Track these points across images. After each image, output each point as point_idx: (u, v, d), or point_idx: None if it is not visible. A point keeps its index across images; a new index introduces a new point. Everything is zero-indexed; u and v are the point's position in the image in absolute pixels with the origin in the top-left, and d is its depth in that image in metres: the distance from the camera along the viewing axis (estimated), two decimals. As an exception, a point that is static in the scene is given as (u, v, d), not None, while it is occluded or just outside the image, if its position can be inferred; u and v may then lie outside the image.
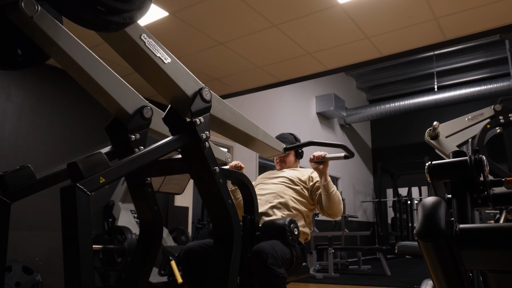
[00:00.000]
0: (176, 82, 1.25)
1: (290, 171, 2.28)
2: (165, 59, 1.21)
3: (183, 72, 1.28)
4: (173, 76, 1.24)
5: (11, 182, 1.21)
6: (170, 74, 1.23)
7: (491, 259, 0.67)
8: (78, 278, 0.90)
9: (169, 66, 1.23)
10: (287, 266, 1.77)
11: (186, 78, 1.29)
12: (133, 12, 1.03)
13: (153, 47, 1.19)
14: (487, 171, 0.91)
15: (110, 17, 0.97)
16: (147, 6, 1.07)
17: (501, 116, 2.73)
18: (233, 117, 1.49)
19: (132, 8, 1.02)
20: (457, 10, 3.23)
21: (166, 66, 1.21)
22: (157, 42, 1.20)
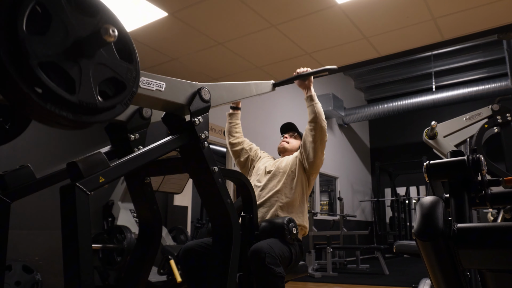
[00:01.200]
0: (174, 101, 1.23)
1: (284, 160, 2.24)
2: (161, 86, 1.18)
3: (178, 86, 1.25)
4: (171, 98, 1.22)
5: (11, 182, 1.21)
6: (168, 98, 1.21)
7: (489, 258, 0.67)
8: (78, 277, 0.90)
9: (166, 91, 1.20)
10: (286, 264, 1.77)
11: (182, 90, 1.26)
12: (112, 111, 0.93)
13: (148, 83, 1.14)
14: (484, 171, 0.92)
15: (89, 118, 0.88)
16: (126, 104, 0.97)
17: (499, 116, 2.74)
18: (230, 94, 1.50)
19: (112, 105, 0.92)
20: (455, 10, 3.24)
21: (163, 93, 1.19)
22: (148, 75, 1.15)
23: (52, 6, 0.81)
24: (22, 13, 0.76)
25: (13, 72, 0.74)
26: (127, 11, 3.24)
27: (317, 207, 8.42)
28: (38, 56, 0.77)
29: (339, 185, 9.36)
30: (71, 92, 0.82)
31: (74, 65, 0.83)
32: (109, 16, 0.91)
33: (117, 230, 3.59)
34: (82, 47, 0.85)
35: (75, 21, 0.84)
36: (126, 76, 0.94)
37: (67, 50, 0.82)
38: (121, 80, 0.93)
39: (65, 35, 0.82)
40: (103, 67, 0.89)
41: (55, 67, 0.81)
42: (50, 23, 0.80)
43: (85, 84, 0.85)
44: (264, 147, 2.59)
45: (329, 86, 9.26)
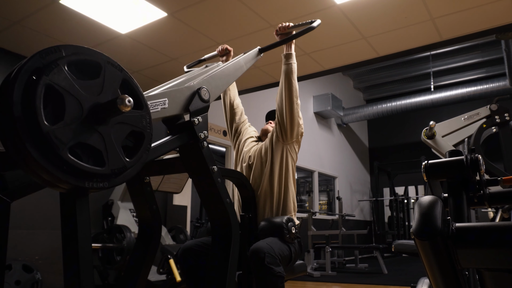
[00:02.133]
0: (176, 113, 1.24)
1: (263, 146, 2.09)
2: (164, 103, 1.19)
3: (178, 96, 1.25)
4: (174, 111, 1.22)
5: (11, 181, 1.21)
6: (172, 112, 1.21)
7: (487, 257, 0.67)
8: (78, 276, 0.91)
9: (169, 105, 1.20)
10: (285, 263, 1.77)
11: (182, 98, 1.26)
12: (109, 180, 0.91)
13: (154, 106, 1.14)
14: (483, 170, 0.92)
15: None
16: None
17: (497, 116, 2.75)
18: (224, 80, 1.49)
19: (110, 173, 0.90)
20: (453, 10, 3.25)
21: (167, 108, 1.19)
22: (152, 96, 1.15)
23: (61, 85, 0.81)
24: (38, 105, 0.77)
25: (47, 166, 0.77)
26: (127, 11, 3.24)
27: (316, 207, 8.43)
28: (65, 143, 0.79)
29: (338, 185, 9.37)
30: (102, 165, 0.85)
31: (96, 135, 0.85)
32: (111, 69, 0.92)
33: (116, 230, 3.59)
34: (99, 115, 0.86)
35: (85, 90, 0.85)
36: (142, 125, 0.96)
37: (86, 123, 0.84)
38: (139, 131, 0.95)
39: (80, 109, 0.83)
40: (121, 125, 0.91)
41: (80, 144, 0.83)
42: (63, 103, 0.81)
43: (111, 151, 0.88)
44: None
45: (328, 86, 9.27)
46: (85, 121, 0.84)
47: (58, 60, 0.82)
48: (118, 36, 3.62)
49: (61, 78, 0.81)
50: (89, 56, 0.89)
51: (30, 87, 0.77)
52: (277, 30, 2.04)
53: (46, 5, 3.11)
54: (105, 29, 3.48)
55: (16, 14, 3.23)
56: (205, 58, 2.30)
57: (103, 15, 3.28)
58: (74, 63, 0.86)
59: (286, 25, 2.00)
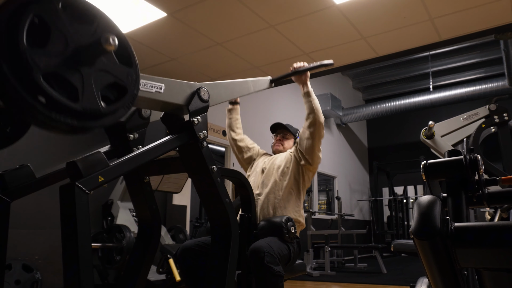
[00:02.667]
0: (173, 102, 1.24)
1: (279, 157, 2.24)
2: (160, 88, 1.19)
3: (177, 87, 1.26)
4: (170, 99, 1.23)
5: (11, 181, 1.21)
6: (167, 99, 1.22)
7: (486, 257, 0.67)
8: (77, 276, 0.91)
9: (165, 92, 1.21)
10: (284, 263, 1.78)
11: (181, 91, 1.27)
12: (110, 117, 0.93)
13: (148, 86, 1.15)
14: (482, 170, 0.92)
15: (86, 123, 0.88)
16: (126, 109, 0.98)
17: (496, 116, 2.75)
18: (228, 91, 1.51)
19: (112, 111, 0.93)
20: (452, 10, 3.25)
21: (163, 94, 1.20)
22: (149, 77, 1.16)
23: (49, 17, 0.81)
24: (22, 27, 0.77)
25: (17, 85, 0.75)
26: (127, 11, 3.24)
27: (315, 206, 8.44)
28: (41, 68, 0.78)
29: (337, 185, 9.37)
30: (75, 100, 0.83)
31: (75, 73, 0.84)
32: (106, 23, 0.92)
33: (116, 229, 3.59)
34: (82, 56, 0.86)
35: (73, 30, 0.85)
36: (127, 80, 0.95)
37: (67, 59, 0.83)
38: (122, 85, 0.94)
39: (65, 45, 0.83)
40: (104, 73, 0.90)
41: (57, 77, 0.82)
42: (49, 34, 0.81)
43: (88, 91, 0.86)
44: (262, 144, 2.59)
45: (327, 86, 9.27)
46: (67, 57, 0.83)
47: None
48: (117, 36, 3.61)
49: (52, 11, 0.82)
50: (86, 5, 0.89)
51: (19, 11, 0.77)
52: (292, 69, 2.12)
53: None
54: (104, 29, 3.47)
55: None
56: None
57: (103, 15, 3.28)
58: (69, 5, 0.86)
59: (301, 64, 2.11)
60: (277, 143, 2.37)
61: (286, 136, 2.38)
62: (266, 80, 1.81)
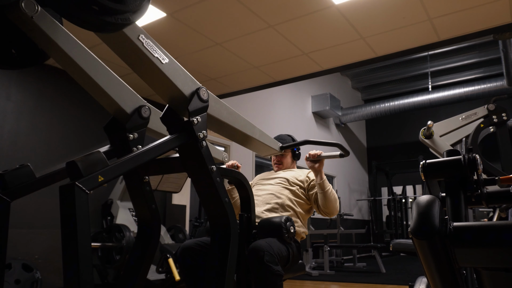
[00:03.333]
0: (173, 82, 1.26)
1: (287, 172, 2.30)
2: (163, 59, 1.23)
3: (180, 72, 1.29)
4: (170, 76, 1.25)
5: (11, 181, 1.21)
6: (168, 74, 1.24)
7: (485, 256, 0.67)
8: (77, 275, 0.91)
9: (167, 66, 1.24)
10: (283, 263, 1.78)
11: (183, 78, 1.30)
12: (128, 14, 1.04)
13: (151, 47, 1.20)
14: (480, 170, 0.92)
15: (106, 18, 0.98)
16: (143, 8, 1.07)
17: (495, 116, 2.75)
18: (230, 116, 1.51)
19: (128, 10, 1.03)
20: (451, 11, 3.26)
21: (164, 66, 1.22)
22: (155, 43, 1.21)
23: None
24: None
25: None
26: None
27: (314, 206, 8.44)
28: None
29: (336, 184, 9.38)
30: None
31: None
32: None
33: (116, 229, 3.59)
34: None
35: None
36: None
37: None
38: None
39: None
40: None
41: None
42: None
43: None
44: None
45: (326, 85, 9.28)
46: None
47: None
48: (117, 36, 3.62)
49: None
50: None
51: None
52: (308, 156, 2.15)
53: (45, 4, 3.10)
54: (103, 28, 3.48)
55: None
56: None
57: (102, 15, 3.29)
58: None
59: (316, 152, 2.12)
60: (276, 164, 2.40)
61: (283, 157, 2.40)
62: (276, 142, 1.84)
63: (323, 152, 2.11)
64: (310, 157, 2.13)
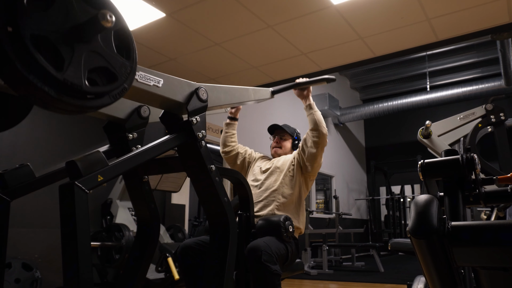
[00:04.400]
0: (172, 98, 1.24)
1: (281, 160, 2.26)
2: (158, 82, 1.18)
3: (176, 84, 1.26)
4: (168, 94, 1.22)
5: (11, 180, 1.21)
6: (166, 94, 1.21)
7: (483, 255, 0.68)
8: (77, 274, 0.91)
9: (163, 87, 1.20)
10: (282, 262, 1.79)
11: (179, 88, 1.27)
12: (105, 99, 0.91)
13: (145, 78, 1.14)
14: (478, 170, 0.92)
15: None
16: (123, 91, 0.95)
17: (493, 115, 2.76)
18: (227, 96, 1.52)
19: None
20: (449, 11, 3.27)
21: (161, 88, 1.19)
22: (147, 71, 1.16)
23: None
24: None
25: (4, 40, 0.73)
26: (126, 12, 3.24)
27: (313, 206, 8.45)
28: (33, 28, 0.75)
29: (334, 184, 9.39)
30: (58, 70, 0.79)
31: (67, 47, 0.81)
32: (113, 9, 0.90)
33: (115, 228, 3.59)
34: (79, 32, 0.83)
35: (78, 7, 0.84)
36: (120, 70, 0.92)
37: (63, 31, 0.81)
38: (113, 72, 0.91)
39: (65, 17, 0.81)
40: (97, 55, 0.87)
41: (49, 46, 0.79)
42: (53, 2, 0.80)
43: (75, 65, 0.82)
44: (261, 147, 2.60)
45: (324, 86, 9.28)
46: (63, 28, 0.81)
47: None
48: (116, 36, 3.62)
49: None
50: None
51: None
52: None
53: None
54: (103, 28, 3.47)
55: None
56: None
57: (101, 15, 3.29)
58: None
59: (303, 79, 2.14)
60: (275, 146, 2.38)
61: (284, 137, 2.39)
62: (267, 91, 1.82)
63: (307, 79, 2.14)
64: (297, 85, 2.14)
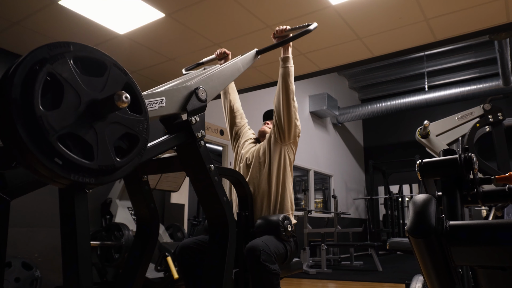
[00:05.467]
0: (173, 112, 1.24)
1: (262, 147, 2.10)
2: (162, 102, 1.19)
3: (176, 95, 1.26)
4: (171, 109, 1.23)
5: (11, 180, 1.21)
6: (170, 111, 1.22)
7: (481, 255, 0.68)
8: (76, 273, 0.91)
9: (167, 104, 1.21)
10: (281, 261, 1.79)
11: (179, 97, 1.27)
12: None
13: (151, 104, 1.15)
14: (476, 169, 0.92)
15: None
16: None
17: (490, 115, 2.78)
18: (221, 80, 1.50)
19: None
20: (448, 11, 3.27)
21: (165, 107, 1.20)
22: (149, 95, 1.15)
23: (62, 75, 0.82)
24: (37, 89, 0.77)
25: (33, 149, 0.76)
26: (125, 12, 3.24)
27: (312, 205, 8.46)
28: (56, 130, 0.79)
29: (333, 183, 9.40)
30: (90, 159, 0.84)
31: (89, 130, 0.85)
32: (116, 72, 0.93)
33: (115, 228, 3.59)
34: (95, 111, 0.86)
35: (86, 84, 0.86)
36: (139, 129, 0.96)
37: (81, 117, 0.84)
38: (134, 134, 0.95)
39: (78, 102, 0.84)
40: (116, 125, 0.91)
41: (72, 136, 0.83)
42: (62, 93, 0.82)
43: (102, 147, 0.87)
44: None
45: (323, 86, 9.30)
46: (81, 114, 0.84)
47: (65, 53, 0.83)
48: (116, 37, 3.61)
49: (64, 69, 0.82)
50: (97, 56, 0.90)
51: (33, 72, 0.78)
52: (274, 33, 2.05)
53: (46, 6, 3.10)
54: (103, 29, 3.47)
55: (15, 15, 3.22)
56: (204, 61, 2.32)
57: (102, 16, 3.28)
58: (80, 59, 0.87)
59: (283, 28, 2.01)
60: (265, 125, 2.26)
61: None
62: (252, 53, 1.77)
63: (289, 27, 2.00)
64: (277, 34, 2.01)
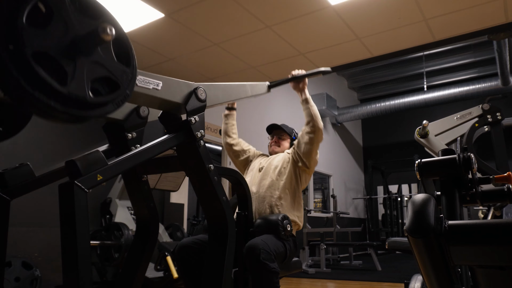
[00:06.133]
0: (170, 99, 1.25)
1: (277, 157, 2.26)
2: (158, 85, 1.19)
3: (175, 85, 1.27)
4: (167, 96, 1.23)
5: (11, 180, 1.21)
6: (165, 97, 1.22)
7: (479, 254, 0.69)
8: (76, 273, 0.92)
9: (163, 89, 1.21)
10: (280, 260, 1.79)
11: (178, 89, 1.28)
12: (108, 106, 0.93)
13: (145, 82, 1.15)
14: (475, 169, 0.92)
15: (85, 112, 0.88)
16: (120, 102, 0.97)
17: (489, 115, 2.78)
18: (226, 94, 1.52)
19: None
20: (446, 11, 3.28)
21: (160, 91, 1.20)
22: (146, 74, 1.16)
23: (54, 4, 0.82)
24: (23, 6, 0.77)
25: (6, 59, 0.74)
26: (125, 12, 3.24)
27: (311, 205, 8.46)
28: (34, 45, 0.77)
29: (332, 183, 9.40)
30: (62, 84, 0.81)
31: (69, 60, 0.83)
32: (110, 19, 0.92)
33: (114, 227, 3.59)
34: (79, 45, 0.85)
35: (76, 21, 0.85)
36: (121, 78, 0.94)
37: (64, 45, 0.83)
38: (115, 80, 0.93)
39: (64, 32, 0.83)
40: (98, 65, 0.89)
41: (51, 60, 0.81)
42: (51, 19, 0.81)
43: (78, 78, 0.84)
44: (259, 145, 2.60)
45: (322, 85, 9.30)
46: (63, 43, 0.82)
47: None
48: (115, 36, 3.61)
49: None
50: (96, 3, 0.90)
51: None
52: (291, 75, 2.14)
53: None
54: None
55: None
56: None
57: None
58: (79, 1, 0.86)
59: (299, 72, 2.12)
60: (273, 144, 2.39)
61: (282, 136, 2.40)
62: (264, 85, 1.82)
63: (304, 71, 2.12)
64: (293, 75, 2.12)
